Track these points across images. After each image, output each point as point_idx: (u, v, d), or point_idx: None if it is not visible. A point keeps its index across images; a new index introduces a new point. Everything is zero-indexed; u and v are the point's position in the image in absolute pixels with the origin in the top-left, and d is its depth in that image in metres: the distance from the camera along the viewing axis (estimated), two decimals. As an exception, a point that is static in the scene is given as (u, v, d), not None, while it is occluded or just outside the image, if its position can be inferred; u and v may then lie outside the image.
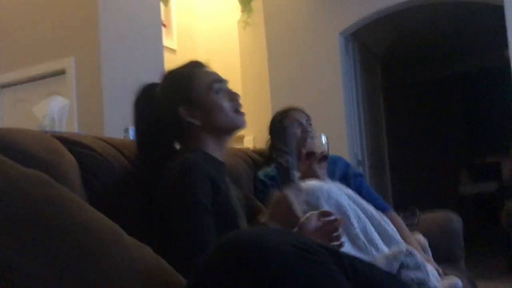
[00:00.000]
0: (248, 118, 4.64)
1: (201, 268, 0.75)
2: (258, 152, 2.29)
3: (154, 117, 1.35)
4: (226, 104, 1.34)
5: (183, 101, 1.32)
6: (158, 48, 3.36)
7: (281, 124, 2.06)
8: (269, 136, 2.14)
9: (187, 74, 1.37)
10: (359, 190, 1.86)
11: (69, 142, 1.26)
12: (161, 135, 1.35)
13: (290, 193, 1.18)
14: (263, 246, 0.71)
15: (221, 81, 1.38)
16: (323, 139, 1.74)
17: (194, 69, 1.39)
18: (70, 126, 2.65)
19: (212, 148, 1.34)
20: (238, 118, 1.35)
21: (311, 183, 1.44)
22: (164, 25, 4.22)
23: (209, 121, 1.32)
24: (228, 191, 1.28)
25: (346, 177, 1.98)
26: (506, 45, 3.38)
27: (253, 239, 0.72)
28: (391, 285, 0.92)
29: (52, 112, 1.84)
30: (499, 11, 3.42)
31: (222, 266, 0.71)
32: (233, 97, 1.37)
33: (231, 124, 1.35)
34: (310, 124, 2.04)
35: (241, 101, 1.45)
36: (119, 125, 2.56)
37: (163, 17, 3.89)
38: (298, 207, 1.19)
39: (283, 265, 0.70)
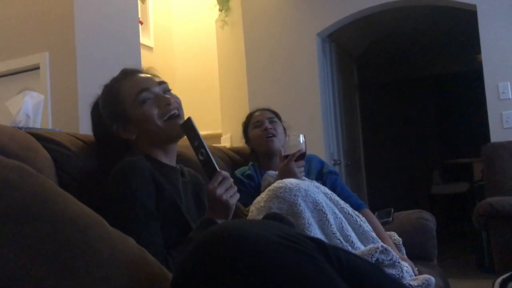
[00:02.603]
0: (225, 117, 4.64)
1: (187, 261, 0.74)
2: (236, 151, 2.30)
3: (102, 128, 1.34)
4: (154, 114, 1.25)
5: (115, 118, 1.29)
6: (135, 45, 3.33)
7: (246, 128, 2.10)
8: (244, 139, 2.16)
9: (114, 88, 1.30)
10: (333, 188, 1.89)
11: (44, 139, 1.25)
12: (110, 144, 1.33)
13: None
14: (249, 236, 0.71)
15: (146, 89, 1.27)
16: (301, 138, 1.76)
17: (121, 81, 1.31)
18: (44, 123, 2.60)
19: (157, 155, 1.30)
20: (168, 125, 1.26)
21: (289, 181, 1.46)
22: (141, 22, 4.19)
23: (143, 133, 1.28)
24: (176, 195, 1.23)
25: (320, 175, 2.01)
26: (478, 49, 3.47)
27: (238, 230, 0.72)
28: (375, 274, 0.93)
29: (27, 107, 1.81)
30: (472, 15, 3.51)
31: (208, 259, 0.70)
32: (160, 103, 1.27)
33: (163, 134, 1.27)
34: (276, 121, 2.06)
35: (219, 99, 1.45)
36: (94, 122, 2.53)
37: (140, 14, 3.85)
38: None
39: (269, 255, 0.70)
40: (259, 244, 0.70)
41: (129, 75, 1.32)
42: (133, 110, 1.26)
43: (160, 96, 1.28)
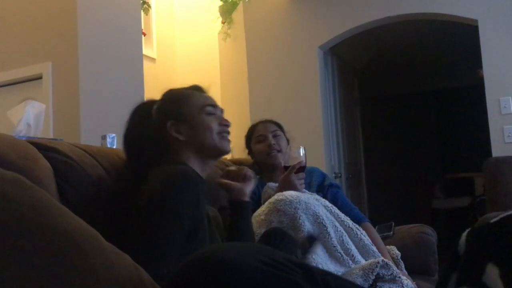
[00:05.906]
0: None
1: (170, 285, 0.73)
2: (237, 163, 2.29)
3: (145, 129, 1.35)
4: (214, 126, 1.35)
5: (173, 116, 1.34)
6: (137, 56, 3.34)
7: (250, 140, 2.09)
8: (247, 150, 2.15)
9: (184, 92, 1.41)
10: (334, 201, 1.88)
11: (44, 148, 1.24)
12: (147, 147, 1.34)
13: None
14: (231, 263, 0.70)
15: (215, 106, 1.40)
16: (302, 151, 1.76)
17: (191, 90, 1.43)
18: (45, 132, 2.61)
19: (194, 164, 1.32)
20: (221, 142, 1.36)
21: (289, 194, 1.45)
22: (144, 34, 4.21)
23: (193, 139, 1.33)
24: (204, 208, 1.25)
25: (321, 188, 2.00)
26: (480, 63, 3.47)
27: (221, 256, 0.71)
28: None
29: (28, 117, 1.81)
30: (474, 30, 3.52)
31: (190, 283, 0.70)
32: (223, 122, 1.39)
33: (214, 146, 1.35)
34: (279, 135, 2.04)
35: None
36: (96, 132, 2.53)
37: (143, 26, 3.87)
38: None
39: (252, 283, 0.69)
40: (241, 271, 0.69)
41: (200, 90, 1.44)
42: (197, 115, 1.35)
43: (222, 118, 1.42)
